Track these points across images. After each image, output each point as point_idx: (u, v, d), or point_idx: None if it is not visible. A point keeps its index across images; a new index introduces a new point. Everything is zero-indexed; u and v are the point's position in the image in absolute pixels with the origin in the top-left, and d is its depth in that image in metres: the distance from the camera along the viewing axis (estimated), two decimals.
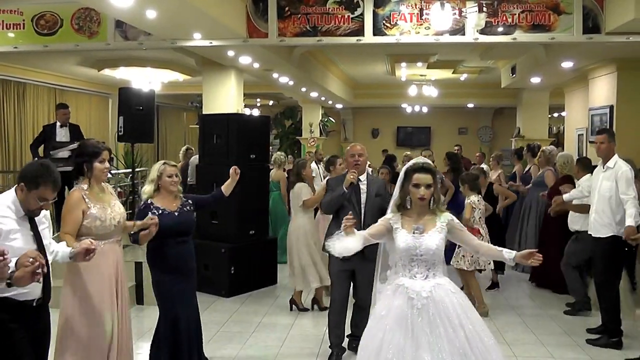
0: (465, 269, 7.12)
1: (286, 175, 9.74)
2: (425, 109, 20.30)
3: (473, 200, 7.27)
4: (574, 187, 7.34)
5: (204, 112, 10.81)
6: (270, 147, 10.65)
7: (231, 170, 5.35)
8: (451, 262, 7.13)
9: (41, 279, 3.28)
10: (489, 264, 7.25)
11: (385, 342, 3.54)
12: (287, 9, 8.48)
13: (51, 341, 3.83)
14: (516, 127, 15.84)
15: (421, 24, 8.34)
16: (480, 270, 7.37)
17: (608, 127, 9.84)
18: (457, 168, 10.25)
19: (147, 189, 5.02)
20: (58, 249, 3.78)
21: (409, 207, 3.81)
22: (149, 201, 4.90)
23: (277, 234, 9.35)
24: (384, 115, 22.02)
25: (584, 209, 6.82)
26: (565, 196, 7.09)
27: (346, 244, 3.71)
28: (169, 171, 4.95)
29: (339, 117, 22.17)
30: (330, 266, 5.60)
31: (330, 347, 5.58)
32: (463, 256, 7.07)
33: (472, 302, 6.97)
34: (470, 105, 20.36)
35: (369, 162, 6.47)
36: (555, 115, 19.27)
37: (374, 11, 8.39)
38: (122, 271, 4.46)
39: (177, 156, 20.35)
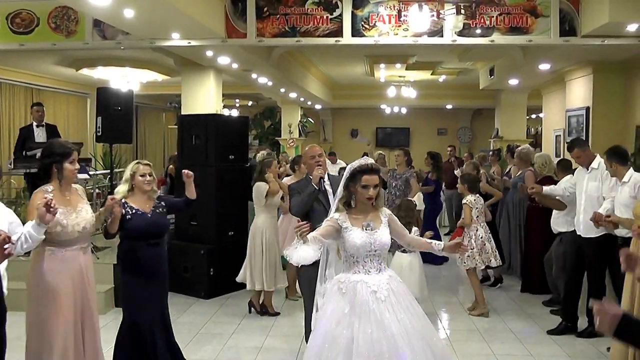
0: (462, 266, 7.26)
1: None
2: (404, 110, 20.37)
3: (470, 199, 7.29)
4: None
5: (182, 113, 10.76)
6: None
7: (183, 175, 5.14)
8: (458, 264, 7.26)
9: (12, 250, 3.27)
10: (490, 262, 7.29)
11: (357, 337, 3.56)
12: (265, 9, 8.47)
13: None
14: (495, 128, 15.97)
15: (399, 26, 8.38)
16: (488, 268, 7.63)
17: (584, 128, 9.97)
18: (440, 167, 10.36)
19: (120, 189, 4.90)
20: (23, 230, 3.70)
21: (353, 205, 3.91)
22: (122, 200, 4.77)
23: None
24: (363, 116, 22.06)
25: (559, 205, 7.00)
26: (546, 188, 7.12)
27: (304, 253, 3.73)
28: (142, 170, 4.85)
29: (318, 118, 22.17)
30: (301, 273, 5.35)
31: None
32: (468, 256, 7.07)
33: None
34: (449, 106, 20.46)
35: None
36: (533, 116, 19.47)
37: (352, 12, 8.41)
38: (89, 279, 4.24)
39: (156, 156, 20.29)
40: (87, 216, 4.24)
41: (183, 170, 5.19)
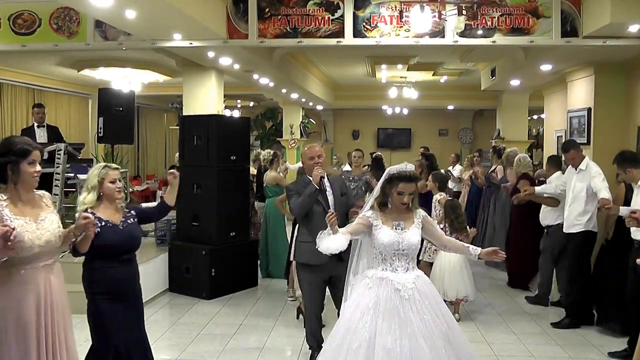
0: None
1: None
2: (405, 111, 20.33)
3: (443, 195, 7.63)
4: (531, 184, 7.91)
5: (184, 114, 10.75)
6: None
7: (168, 176, 4.61)
8: (421, 257, 7.21)
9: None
10: None
11: (381, 331, 3.65)
12: (267, 10, 8.46)
13: None
14: (496, 128, 15.96)
15: (401, 27, 8.37)
16: None
17: (586, 129, 9.96)
18: (435, 168, 10.43)
19: (87, 198, 4.15)
20: None
21: (390, 206, 4.01)
22: (89, 211, 4.04)
23: (276, 246, 8.93)
24: (365, 117, 22.05)
25: (552, 202, 7.39)
26: (538, 188, 7.54)
27: (331, 243, 3.82)
28: (111, 176, 4.18)
29: (319, 119, 22.16)
30: (300, 276, 5.34)
31: (310, 349, 5.59)
32: (435, 250, 7.13)
33: None
34: (451, 107, 20.44)
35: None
36: (535, 117, 19.44)
37: (354, 13, 8.39)
38: (59, 303, 3.60)
39: (157, 157, 20.28)
40: (52, 227, 3.59)
41: (170, 170, 4.64)
